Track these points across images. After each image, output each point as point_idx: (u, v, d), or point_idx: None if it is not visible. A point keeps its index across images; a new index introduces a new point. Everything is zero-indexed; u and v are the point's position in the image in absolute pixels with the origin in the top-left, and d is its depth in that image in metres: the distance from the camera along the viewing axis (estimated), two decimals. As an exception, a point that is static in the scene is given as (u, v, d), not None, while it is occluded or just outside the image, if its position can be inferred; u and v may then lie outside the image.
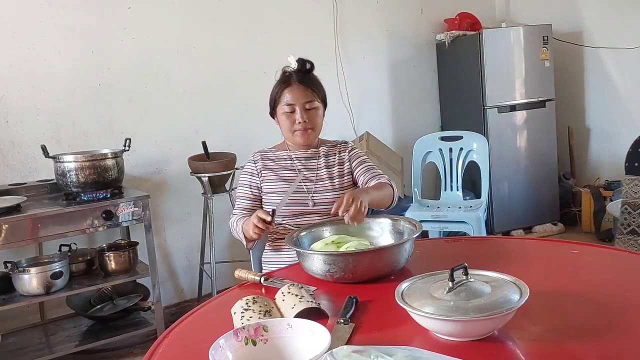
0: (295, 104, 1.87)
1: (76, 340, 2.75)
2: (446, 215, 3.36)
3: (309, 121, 1.88)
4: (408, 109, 4.40)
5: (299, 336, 0.99)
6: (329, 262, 1.38)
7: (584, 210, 4.19)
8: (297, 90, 1.88)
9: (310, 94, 1.90)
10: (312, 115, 1.90)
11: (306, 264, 1.45)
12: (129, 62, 3.22)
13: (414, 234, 1.46)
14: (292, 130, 1.90)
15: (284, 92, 1.89)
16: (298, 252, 1.50)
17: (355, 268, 1.36)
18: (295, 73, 1.91)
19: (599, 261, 1.49)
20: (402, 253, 1.42)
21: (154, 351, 1.13)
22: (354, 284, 1.37)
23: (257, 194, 1.93)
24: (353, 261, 1.37)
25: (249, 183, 1.94)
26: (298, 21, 3.78)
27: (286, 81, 1.91)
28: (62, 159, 2.70)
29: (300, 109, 1.87)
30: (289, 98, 1.88)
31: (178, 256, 3.47)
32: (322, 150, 1.99)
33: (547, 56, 4.14)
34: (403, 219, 1.61)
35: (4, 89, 2.90)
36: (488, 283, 1.08)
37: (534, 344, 1.03)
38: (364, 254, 1.41)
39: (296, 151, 1.97)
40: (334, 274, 1.37)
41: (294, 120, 1.89)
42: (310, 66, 1.94)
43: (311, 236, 1.61)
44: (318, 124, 1.93)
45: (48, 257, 2.72)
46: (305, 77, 1.92)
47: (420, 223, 1.53)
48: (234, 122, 3.56)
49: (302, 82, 1.90)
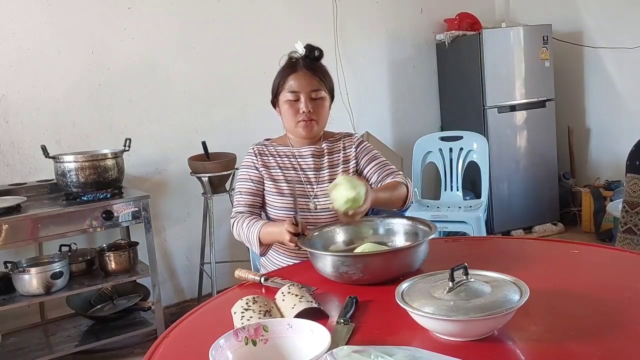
0: (300, 92, 1.72)
1: (76, 340, 2.75)
2: (446, 215, 3.36)
3: (313, 112, 1.72)
4: (408, 109, 4.40)
5: (299, 336, 0.99)
6: (347, 263, 1.34)
7: (584, 210, 4.19)
8: (303, 77, 1.72)
9: (317, 83, 1.74)
10: (318, 106, 1.74)
11: (324, 266, 1.39)
12: (129, 62, 3.22)
13: (429, 235, 1.43)
14: (296, 121, 1.74)
15: (288, 79, 1.73)
16: (314, 254, 1.43)
17: (377, 269, 1.33)
18: (302, 59, 1.76)
19: (599, 261, 1.48)
20: (420, 254, 1.40)
21: (154, 351, 1.13)
22: (354, 285, 1.36)
23: (260, 189, 1.79)
24: (373, 262, 1.34)
25: (250, 177, 1.79)
26: (298, 21, 3.78)
27: (292, 67, 1.75)
28: (62, 159, 2.70)
29: (306, 98, 1.71)
30: (294, 85, 1.72)
31: (178, 256, 3.47)
32: (326, 147, 1.84)
33: (547, 56, 4.14)
34: (416, 220, 1.58)
35: (4, 89, 2.90)
36: (488, 283, 1.08)
37: (534, 344, 1.02)
38: (387, 254, 1.39)
39: (299, 147, 1.82)
40: (352, 276, 1.34)
41: (298, 109, 1.73)
42: (319, 53, 1.78)
43: (322, 238, 1.57)
44: (323, 116, 1.77)
45: (48, 257, 2.72)
46: (313, 64, 1.76)
47: (434, 224, 1.49)
48: (234, 122, 3.56)
49: (309, 69, 1.74)
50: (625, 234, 2.89)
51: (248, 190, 1.78)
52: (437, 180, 3.75)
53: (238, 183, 1.82)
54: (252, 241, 1.67)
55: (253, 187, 1.78)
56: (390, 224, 1.61)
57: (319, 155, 1.83)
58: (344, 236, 1.61)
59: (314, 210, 1.76)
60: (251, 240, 1.68)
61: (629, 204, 2.88)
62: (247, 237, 1.69)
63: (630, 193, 2.90)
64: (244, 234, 1.70)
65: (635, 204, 2.87)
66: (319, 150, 1.83)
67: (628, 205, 2.88)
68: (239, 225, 1.72)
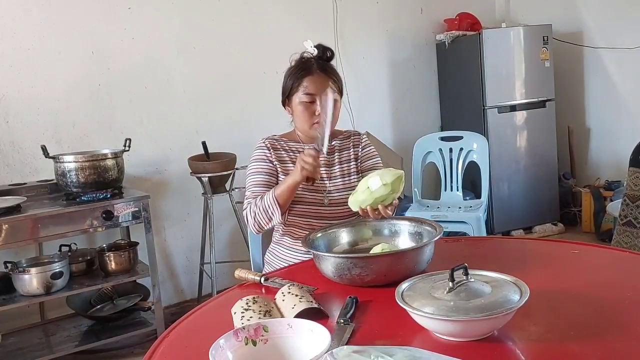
0: (316, 94, 1.72)
1: (76, 341, 2.75)
2: (446, 215, 3.37)
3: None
4: (408, 109, 4.40)
5: (299, 336, 0.99)
6: (360, 265, 1.31)
7: (584, 210, 4.19)
8: (318, 79, 1.74)
9: (331, 85, 1.76)
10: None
11: (332, 267, 1.36)
12: (129, 62, 3.22)
13: (436, 235, 1.42)
14: (311, 123, 1.75)
15: (302, 81, 1.74)
16: (317, 255, 1.41)
17: (393, 269, 1.32)
18: (315, 60, 1.77)
19: (599, 261, 1.48)
20: (429, 254, 1.39)
21: (154, 351, 1.13)
22: (357, 286, 1.36)
23: (273, 182, 1.76)
24: (384, 262, 1.33)
25: (264, 169, 1.77)
26: (298, 21, 3.78)
27: (306, 68, 1.75)
28: (62, 159, 2.70)
29: (321, 100, 1.72)
30: (310, 87, 1.73)
31: (178, 256, 3.47)
32: (336, 145, 1.86)
33: (547, 56, 4.14)
34: (422, 221, 1.57)
35: (4, 89, 2.90)
36: (488, 283, 1.08)
37: (534, 344, 1.02)
38: (396, 255, 1.37)
39: (311, 144, 1.79)
40: (364, 277, 1.32)
41: (313, 111, 1.74)
42: (331, 54, 1.80)
43: (326, 238, 1.56)
44: (336, 117, 1.76)
45: (48, 257, 2.72)
46: (326, 66, 1.78)
47: (439, 225, 1.49)
48: (234, 122, 3.56)
49: (323, 71, 1.75)
50: (624, 226, 2.89)
51: (261, 182, 1.76)
52: (437, 180, 3.75)
53: (251, 176, 1.79)
54: (270, 204, 1.64)
55: (267, 179, 1.77)
56: (394, 225, 1.59)
57: (330, 152, 1.84)
58: (348, 237, 1.60)
59: (327, 205, 1.77)
60: (269, 204, 1.64)
61: (630, 197, 2.89)
62: (264, 206, 1.65)
63: (631, 186, 2.90)
64: (259, 206, 1.67)
65: (636, 197, 2.87)
66: (330, 147, 1.84)
67: (629, 199, 2.89)
68: (252, 207, 1.69)
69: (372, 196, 1.51)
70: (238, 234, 3.36)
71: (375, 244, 1.53)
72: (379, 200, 1.52)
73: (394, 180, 1.51)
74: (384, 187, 1.50)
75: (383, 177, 1.51)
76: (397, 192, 1.54)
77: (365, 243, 1.58)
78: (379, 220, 1.60)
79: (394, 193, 1.53)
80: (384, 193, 1.51)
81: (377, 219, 1.57)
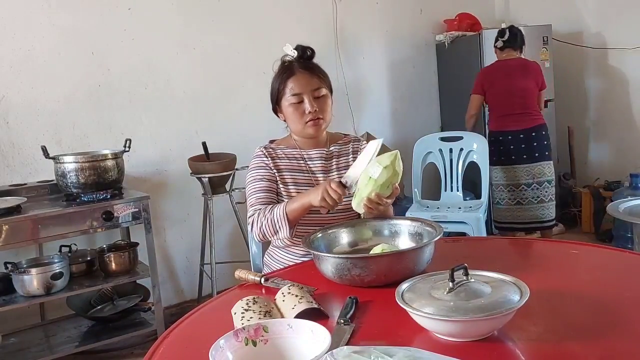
0: (303, 93, 1.72)
1: (76, 341, 2.75)
2: (446, 215, 3.37)
3: (319, 110, 1.73)
4: (408, 109, 4.40)
5: (299, 337, 0.99)
6: (360, 265, 1.31)
7: (584, 210, 4.19)
8: (302, 77, 1.73)
9: (317, 81, 1.75)
10: (322, 103, 1.74)
11: (332, 268, 1.36)
12: (129, 63, 3.22)
13: (436, 236, 1.42)
14: (303, 122, 1.74)
15: (287, 83, 1.74)
16: (317, 255, 1.40)
17: (393, 269, 1.32)
18: (296, 61, 1.77)
19: (599, 261, 1.48)
20: (429, 254, 1.39)
21: (154, 352, 1.13)
22: (357, 287, 1.36)
23: (274, 188, 1.75)
24: (385, 262, 1.33)
25: (265, 176, 1.75)
26: (298, 21, 3.78)
27: (288, 70, 1.76)
28: (62, 160, 2.70)
29: (309, 98, 1.72)
30: (295, 87, 1.73)
31: (178, 257, 3.47)
32: (335, 150, 1.84)
33: (547, 56, 4.14)
34: (421, 221, 1.56)
35: (4, 89, 2.90)
36: (488, 283, 1.08)
37: (534, 344, 1.03)
38: (398, 255, 1.37)
39: (307, 150, 1.82)
40: (364, 278, 1.32)
41: (303, 110, 1.73)
42: (312, 52, 1.80)
43: (326, 239, 1.55)
44: (328, 112, 1.77)
45: (48, 257, 2.72)
46: (309, 64, 1.78)
47: (439, 225, 1.48)
48: (234, 123, 3.56)
49: (307, 69, 1.75)
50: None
51: (264, 188, 1.74)
52: (437, 180, 3.75)
53: (251, 184, 1.77)
54: (279, 218, 1.62)
55: (269, 185, 1.75)
56: (394, 225, 1.59)
57: (327, 157, 1.83)
58: (348, 238, 1.59)
59: (325, 213, 1.72)
60: (278, 218, 1.62)
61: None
62: (273, 218, 1.63)
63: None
64: (268, 217, 1.64)
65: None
66: (328, 153, 1.83)
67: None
68: (260, 216, 1.66)
69: (377, 183, 1.51)
70: (238, 234, 3.36)
71: (375, 244, 1.52)
72: (387, 183, 1.51)
73: (392, 160, 1.51)
74: (385, 171, 1.49)
75: (381, 162, 1.51)
76: (400, 171, 1.53)
77: (365, 243, 1.57)
78: (379, 220, 1.60)
79: (397, 174, 1.52)
80: (388, 176, 1.50)
81: (380, 214, 1.58)
